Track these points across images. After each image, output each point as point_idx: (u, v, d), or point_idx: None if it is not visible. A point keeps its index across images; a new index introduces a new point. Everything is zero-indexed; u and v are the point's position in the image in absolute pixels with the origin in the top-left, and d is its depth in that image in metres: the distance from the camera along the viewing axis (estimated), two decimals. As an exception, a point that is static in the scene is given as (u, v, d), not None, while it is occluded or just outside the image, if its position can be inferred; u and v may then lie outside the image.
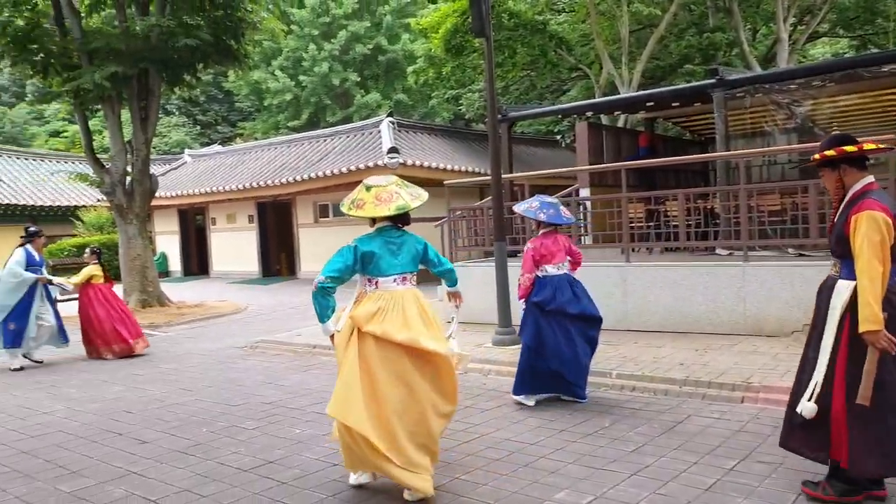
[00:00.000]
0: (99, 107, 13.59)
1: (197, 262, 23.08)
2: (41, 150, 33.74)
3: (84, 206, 24.75)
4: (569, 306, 5.66)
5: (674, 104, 11.43)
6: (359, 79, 31.96)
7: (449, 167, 16.63)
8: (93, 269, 9.57)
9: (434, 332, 3.88)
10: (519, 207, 6.02)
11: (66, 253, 22.26)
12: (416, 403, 3.76)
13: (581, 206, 10.33)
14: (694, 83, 11.97)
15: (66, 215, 24.60)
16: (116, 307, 9.59)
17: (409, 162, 15.78)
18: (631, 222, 8.77)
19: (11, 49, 12.37)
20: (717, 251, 8.96)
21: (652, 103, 11.45)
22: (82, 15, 13.18)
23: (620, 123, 17.76)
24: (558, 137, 22.83)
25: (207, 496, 4.10)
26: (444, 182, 10.68)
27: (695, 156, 11.75)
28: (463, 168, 17.03)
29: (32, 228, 9.36)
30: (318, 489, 4.10)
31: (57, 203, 25.74)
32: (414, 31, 27.40)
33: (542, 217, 5.77)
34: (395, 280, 3.91)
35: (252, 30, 13.97)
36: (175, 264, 23.27)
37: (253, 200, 20.09)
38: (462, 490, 3.98)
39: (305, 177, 17.09)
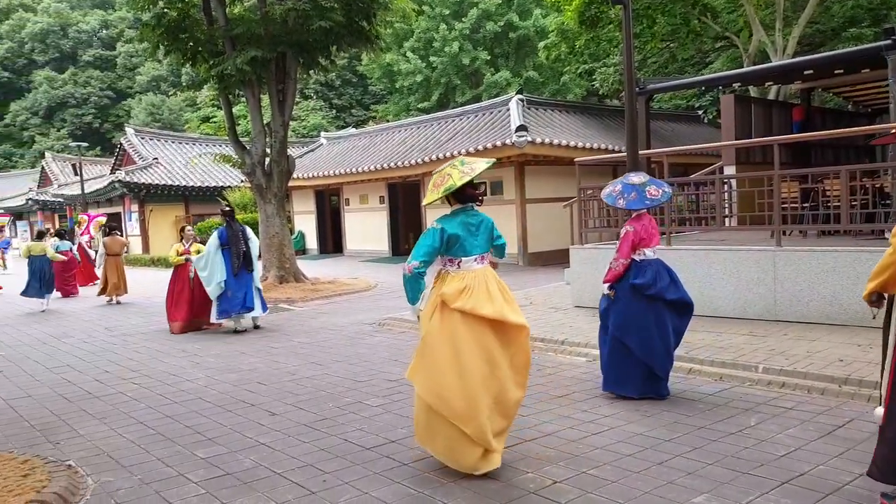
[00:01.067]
0: (241, 92, 14.29)
1: (332, 240, 24.00)
2: (193, 134, 36.38)
3: (229, 186, 26.41)
4: (667, 292, 5.33)
5: (836, 71, 10.24)
6: (489, 57, 31.73)
7: (580, 144, 16.06)
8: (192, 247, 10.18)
9: (514, 306, 4.09)
10: (604, 192, 5.70)
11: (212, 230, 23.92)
12: (499, 375, 3.94)
13: (725, 186, 9.53)
14: (863, 46, 10.65)
15: (213, 195, 26.40)
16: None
17: (538, 140, 15.39)
18: (783, 203, 7.95)
19: (165, 39, 13.28)
20: (888, 235, 7.92)
21: (811, 71, 10.33)
22: (227, 4, 13.89)
23: (771, 96, 16.32)
24: (700, 113, 21.45)
25: (329, 473, 4.11)
26: (575, 160, 10.22)
27: (869, 127, 10.48)
28: (595, 145, 16.39)
29: (228, 208, 10.33)
30: (441, 474, 3.99)
31: (206, 184, 27.69)
32: (546, 6, 26.70)
33: (621, 204, 5.45)
34: (475, 260, 4.11)
35: (383, 10, 14.10)
36: (312, 243, 24.35)
37: (384, 181, 20.53)
38: (589, 486, 3.72)
39: (434, 157, 17.16)
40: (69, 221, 28.59)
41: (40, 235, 15.44)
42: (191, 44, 13.59)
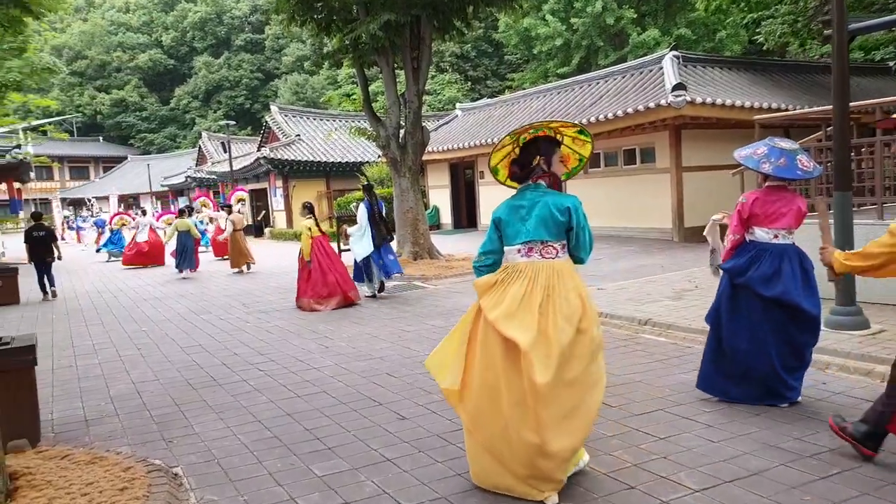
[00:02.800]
0: (376, 61, 13.74)
1: (466, 215, 23.34)
2: (333, 111, 37.09)
3: (368, 161, 26.48)
4: (761, 285, 4.31)
5: None
6: (635, 16, 29.43)
7: (747, 104, 14.10)
8: (307, 224, 9.92)
9: (554, 319, 3.14)
10: (741, 152, 4.57)
11: (352, 205, 24.04)
12: (537, 395, 3.08)
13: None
14: None
15: (352, 171, 26.58)
16: (332, 258, 9.95)
17: (698, 99, 13.64)
18: None
19: (299, 9, 12.95)
20: None
21: None
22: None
23: None
24: (891, 65, 18.40)
25: (468, 511, 3.26)
26: (755, 118, 8.64)
27: None
28: (765, 105, 14.33)
29: (367, 183, 10.90)
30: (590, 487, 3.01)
31: (345, 160, 27.98)
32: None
33: (766, 169, 4.36)
34: (518, 250, 3.33)
35: (523, -35, 12.95)
36: (446, 217, 23.83)
37: (521, 151, 19.42)
38: None
39: (578, 123, 15.83)
40: (221, 197, 30.06)
41: (181, 213, 16.79)
42: (324, 12, 13.20)
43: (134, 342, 8.01)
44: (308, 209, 10.14)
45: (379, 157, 24.96)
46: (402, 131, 13.46)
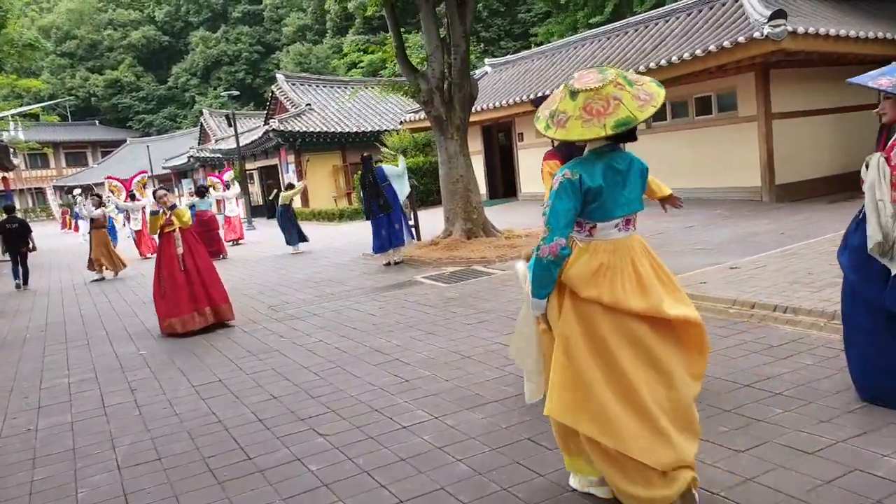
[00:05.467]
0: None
1: (503, 183, 20.99)
2: (344, 77, 34.65)
3: (386, 130, 24.16)
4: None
5: None
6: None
7: (860, 34, 11.64)
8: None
9: (676, 292, 2.76)
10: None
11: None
12: (669, 382, 2.67)
13: None
14: None
15: (370, 141, 24.23)
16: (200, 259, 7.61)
17: (801, 30, 11.16)
18: None
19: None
20: None
21: None
22: None
23: None
24: None
25: None
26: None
27: None
28: (879, 35, 11.87)
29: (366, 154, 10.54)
30: None
31: (362, 129, 25.63)
32: None
33: (886, 84, 3.24)
34: (618, 225, 2.75)
35: None
36: (480, 187, 21.40)
37: (566, 108, 16.97)
38: None
39: (638, 70, 13.42)
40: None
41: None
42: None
43: (127, 377, 5.79)
44: (156, 196, 7.57)
45: (402, 122, 22.61)
46: (446, 83, 11.04)
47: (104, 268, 13.08)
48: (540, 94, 16.13)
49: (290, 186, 15.77)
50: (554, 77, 17.05)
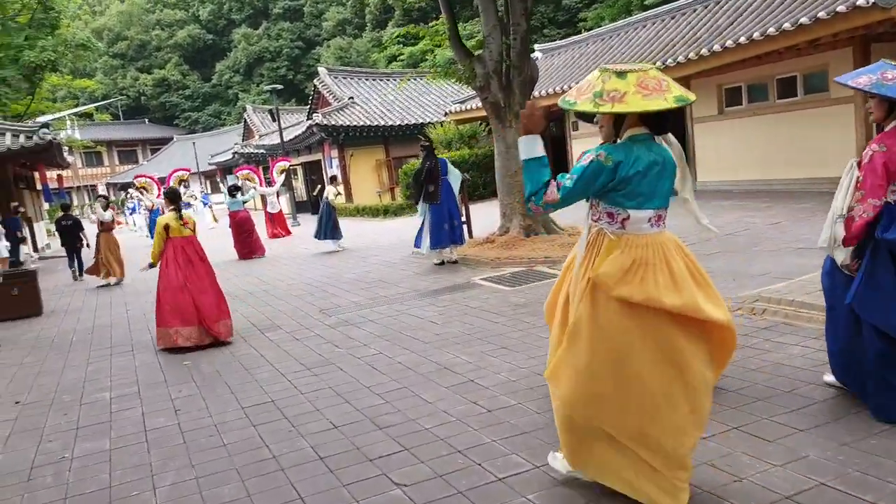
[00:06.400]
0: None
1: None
2: (386, 70, 34.13)
3: (430, 123, 23.46)
4: None
5: None
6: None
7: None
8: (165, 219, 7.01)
9: (712, 293, 2.70)
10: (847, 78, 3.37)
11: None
12: (688, 385, 2.63)
13: None
14: None
15: (413, 134, 23.56)
16: (199, 268, 7.02)
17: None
18: None
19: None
20: None
21: None
22: None
23: None
24: None
25: None
26: None
27: None
28: None
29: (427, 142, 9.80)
30: None
31: (406, 122, 24.99)
32: None
33: (864, 83, 3.23)
34: (651, 220, 2.69)
35: None
36: (529, 179, 20.60)
37: (625, 94, 16.00)
38: None
39: (710, 50, 12.42)
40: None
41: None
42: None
43: (171, 393, 5.22)
44: (169, 198, 7.19)
45: (446, 114, 21.91)
46: (504, 65, 10.23)
47: (109, 273, 12.29)
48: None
49: (334, 179, 15.14)
50: (611, 61, 16.11)
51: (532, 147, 2.74)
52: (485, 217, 13.26)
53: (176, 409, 4.80)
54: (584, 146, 14.83)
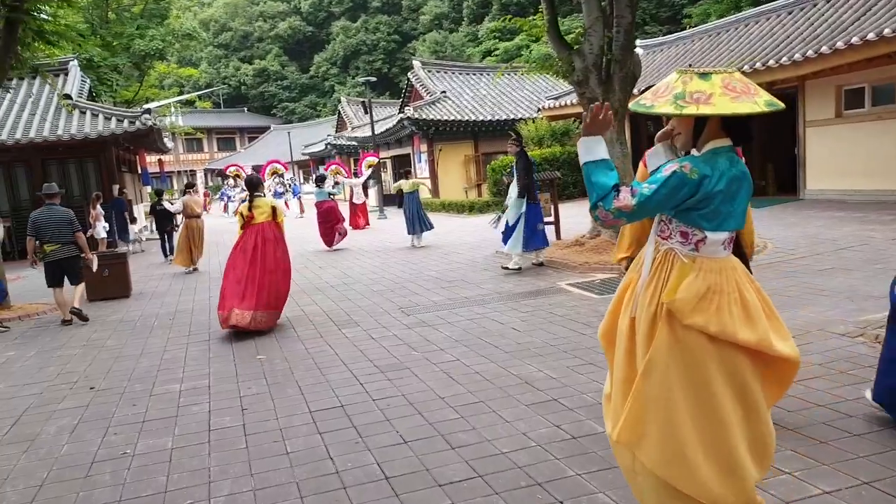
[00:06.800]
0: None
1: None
2: (480, 64, 33.80)
3: (521, 119, 22.95)
4: None
5: None
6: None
7: None
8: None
9: (778, 324, 2.50)
10: None
11: (507, 170, 20.62)
12: (758, 420, 2.44)
13: None
14: None
15: (504, 130, 23.11)
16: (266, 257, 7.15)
17: None
18: None
19: None
20: None
21: None
22: None
23: None
24: None
25: None
26: None
27: None
28: None
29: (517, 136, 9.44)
30: None
31: (496, 117, 24.58)
32: None
33: None
34: (724, 242, 2.47)
35: None
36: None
37: (732, 94, 14.94)
38: None
39: (827, 49, 11.36)
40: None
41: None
42: None
43: (240, 389, 5.08)
44: (248, 185, 7.47)
45: (539, 109, 21.35)
46: (605, 59, 9.65)
47: (191, 261, 12.49)
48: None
49: (407, 173, 14.91)
50: (719, 58, 15.12)
51: (595, 149, 2.47)
52: (571, 218, 12.69)
53: (243, 407, 4.63)
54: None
